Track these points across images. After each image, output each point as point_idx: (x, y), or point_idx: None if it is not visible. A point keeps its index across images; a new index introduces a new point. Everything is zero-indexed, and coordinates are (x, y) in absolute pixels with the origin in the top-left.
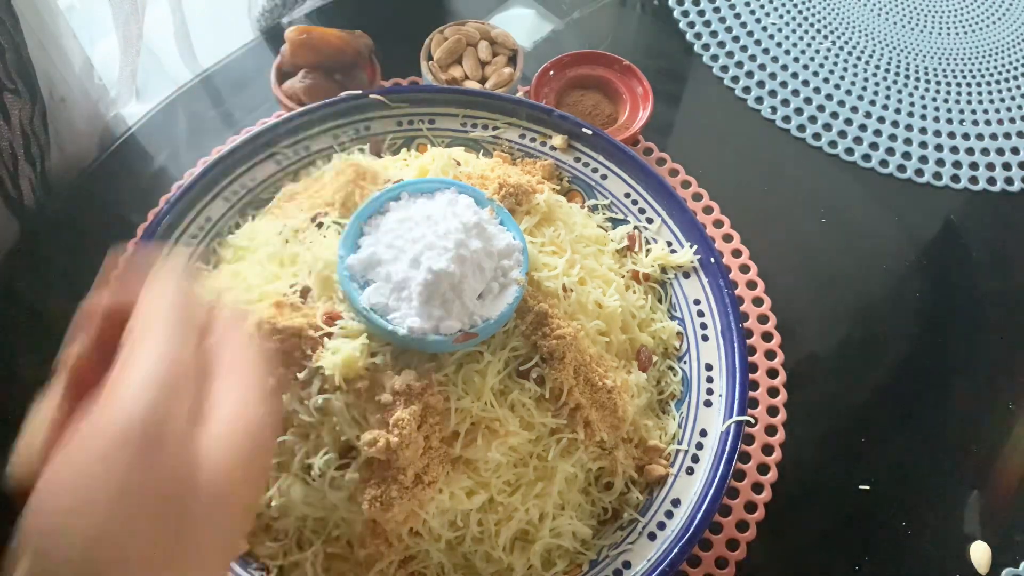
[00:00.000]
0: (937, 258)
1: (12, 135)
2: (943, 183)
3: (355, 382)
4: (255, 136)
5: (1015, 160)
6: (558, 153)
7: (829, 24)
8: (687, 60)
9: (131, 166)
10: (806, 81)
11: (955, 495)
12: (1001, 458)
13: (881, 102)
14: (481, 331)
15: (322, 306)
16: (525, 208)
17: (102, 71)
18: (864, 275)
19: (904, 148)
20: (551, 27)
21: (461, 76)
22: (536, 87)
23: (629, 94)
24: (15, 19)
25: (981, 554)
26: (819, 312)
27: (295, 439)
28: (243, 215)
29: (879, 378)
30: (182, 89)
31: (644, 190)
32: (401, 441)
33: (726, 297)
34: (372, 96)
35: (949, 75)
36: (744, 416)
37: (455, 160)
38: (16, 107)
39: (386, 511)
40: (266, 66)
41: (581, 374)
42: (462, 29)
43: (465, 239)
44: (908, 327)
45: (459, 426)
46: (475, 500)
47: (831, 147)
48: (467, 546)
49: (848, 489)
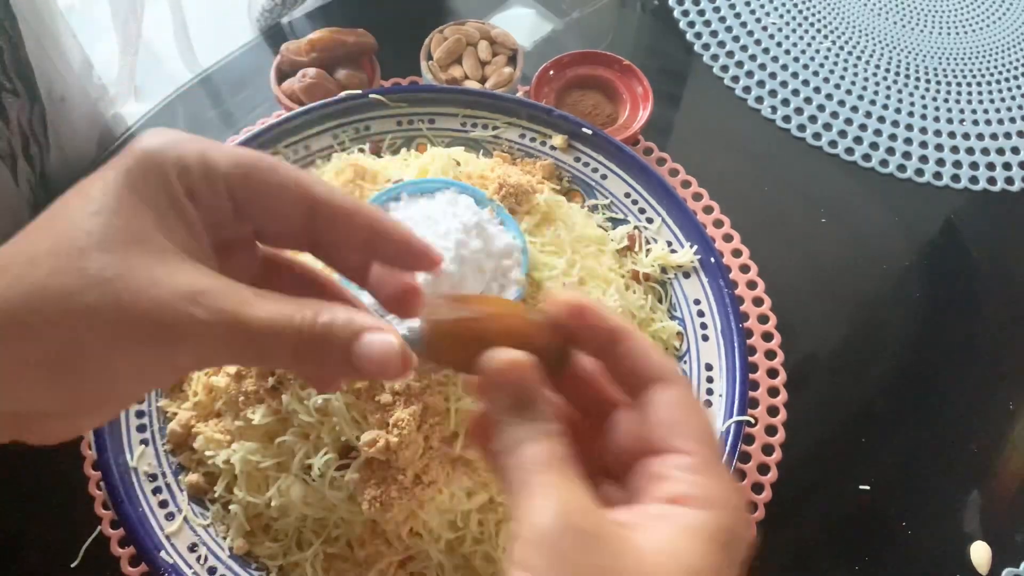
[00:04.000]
0: (937, 258)
1: (11, 135)
2: (943, 183)
3: (355, 382)
4: (255, 136)
5: (1015, 160)
6: (558, 153)
7: (829, 24)
8: (687, 60)
9: None
10: (806, 81)
11: (955, 495)
12: (1001, 458)
13: (881, 102)
14: None
15: None
16: (525, 208)
17: (101, 71)
18: (864, 275)
19: (904, 148)
20: (551, 27)
21: (461, 76)
22: (536, 87)
23: (629, 94)
24: (14, 19)
25: (981, 554)
26: (819, 312)
27: (295, 439)
28: None
29: (879, 378)
30: (182, 89)
31: (644, 190)
32: (401, 441)
33: (726, 297)
34: (372, 96)
35: (949, 75)
36: (744, 416)
37: (455, 160)
38: (15, 107)
39: (386, 511)
40: (266, 66)
41: None
42: (462, 29)
43: (465, 239)
44: (908, 327)
45: (459, 426)
46: (475, 500)
47: (831, 147)
48: (467, 546)
49: (848, 489)
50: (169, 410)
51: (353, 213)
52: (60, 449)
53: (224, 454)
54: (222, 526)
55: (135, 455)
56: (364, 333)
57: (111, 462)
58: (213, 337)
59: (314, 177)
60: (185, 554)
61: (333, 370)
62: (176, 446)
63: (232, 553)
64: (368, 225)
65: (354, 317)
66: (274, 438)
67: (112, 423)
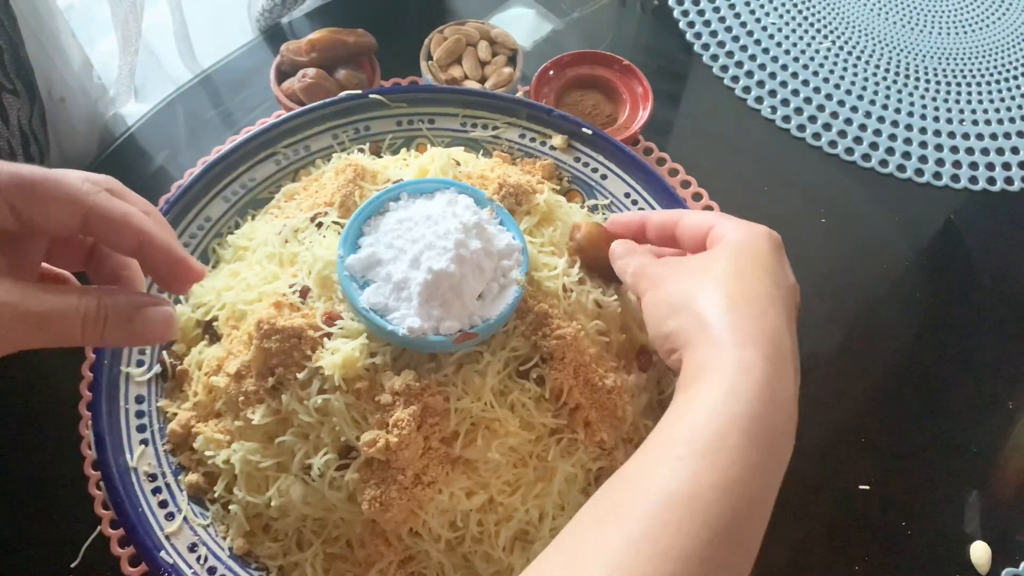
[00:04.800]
0: (937, 258)
1: (11, 135)
2: (943, 183)
3: (355, 382)
4: (255, 136)
5: (1015, 160)
6: (558, 153)
7: (829, 24)
8: (687, 60)
9: (130, 166)
10: (806, 81)
11: (955, 495)
12: (1001, 458)
13: (881, 102)
14: (481, 331)
15: (322, 306)
16: (525, 208)
17: (101, 70)
18: (864, 275)
19: (904, 148)
20: (551, 27)
21: (461, 76)
22: (536, 87)
23: (629, 94)
24: (13, 19)
25: (981, 554)
26: (819, 312)
27: (295, 439)
28: (243, 215)
29: (879, 378)
30: (182, 89)
31: (644, 190)
32: (400, 441)
33: None
34: (372, 96)
35: (949, 75)
36: None
37: (455, 160)
38: (15, 107)
39: (385, 511)
40: (266, 66)
41: (581, 374)
42: (462, 29)
43: (465, 239)
44: (908, 327)
45: (459, 426)
46: (475, 500)
47: (831, 147)
48: (467, 546)
49: (848, 489)
50: (169, 410)
51: (123, 224)
52: (60, 449)
53: (224, 454)
54: (222, 526)
55: (135, 455)
56: (146, 308)
57: (111, 462)
58: (2, 325)
59: (101, 196)
60: (185, 554)
61: (117, 341)
62: (176, 446)
63: (232, 553)
64: (136, 235)
65: (137, 299)
66: (274, 438)
67: (112, 423)
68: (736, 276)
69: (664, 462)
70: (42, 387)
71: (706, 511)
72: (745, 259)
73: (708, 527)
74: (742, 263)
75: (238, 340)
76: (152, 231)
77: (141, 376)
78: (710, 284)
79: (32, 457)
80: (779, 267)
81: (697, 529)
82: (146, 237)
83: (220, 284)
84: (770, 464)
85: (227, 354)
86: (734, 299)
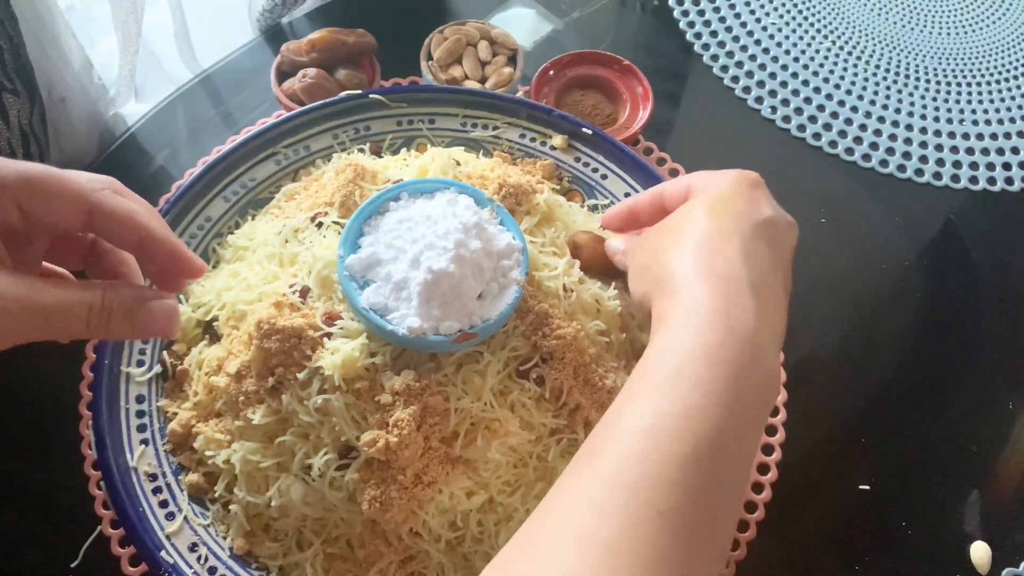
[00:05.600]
0: (937, 258)
1: (11, 135)
2: (943, 183)
3: (355, 382)
4: (255, 136)
5: (1015, 160)
6: (558, 153)
7: (829, 24)
8: (687, 60)
9: (131, 166)
10: (806, 81)
11: (955, 495)
12: (1001, 458)
13: (881, 102)
14: (481, 331)
15: (322, 306)
16: (525, 208)
17: (101, 70)
18: (864, 275)
19: (904, 148)
20: (551, 27)
21: (461, 76)
22: (536, 87)
23: (629, 94)
24: (14, 19)
25: (981, 554)
26: (819, 312)
27: (295, 439)
28: (243, 215)
29: (879, 378)
30: (182, 89)
31: (644, 190)
32: (400, 441)
33: None
34: (372, 96)
35: (949, 75)
36: None
37: (455, 160)
38: (15, 107)
39: (385, 511)
40: (266, 66)
41: (581, 374)
42: (462, 29)
43: (465, 239)
44: (908, 327)
45: (459, 426)
46: (475, 500)
47: (831, 147)
48: (467, 546)
49: (848, 489)
50: (169, 410)
51: (127, 219)
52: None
53: (224, 454)
54: (222, 526)
55: (135, 455)
56: (150, 301)
57: (111, 462)
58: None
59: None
60: (185, 554)
61: (122, 334)
62: (176, 446)
63: (232, 553)
64: (139, 230)
65: (141, 292)
66: (274, 438)
67: (112, 423)
68: (695, 223)
69: (628, 404)
70: (42, 387)
71: (670, 438)
72: (710, 205)
73: (674, 453)
74: (706, 210)
75: (238, 340)
76: (154, 227)
77: (141, 376)
78: (670, 239)
79: (32, 457)
80: (748, 205)
81: (663, 456)
82: (148, 233)
83: (220, 284)
84: (738, 393)
85: (227, 354)
86: (690, 246)
